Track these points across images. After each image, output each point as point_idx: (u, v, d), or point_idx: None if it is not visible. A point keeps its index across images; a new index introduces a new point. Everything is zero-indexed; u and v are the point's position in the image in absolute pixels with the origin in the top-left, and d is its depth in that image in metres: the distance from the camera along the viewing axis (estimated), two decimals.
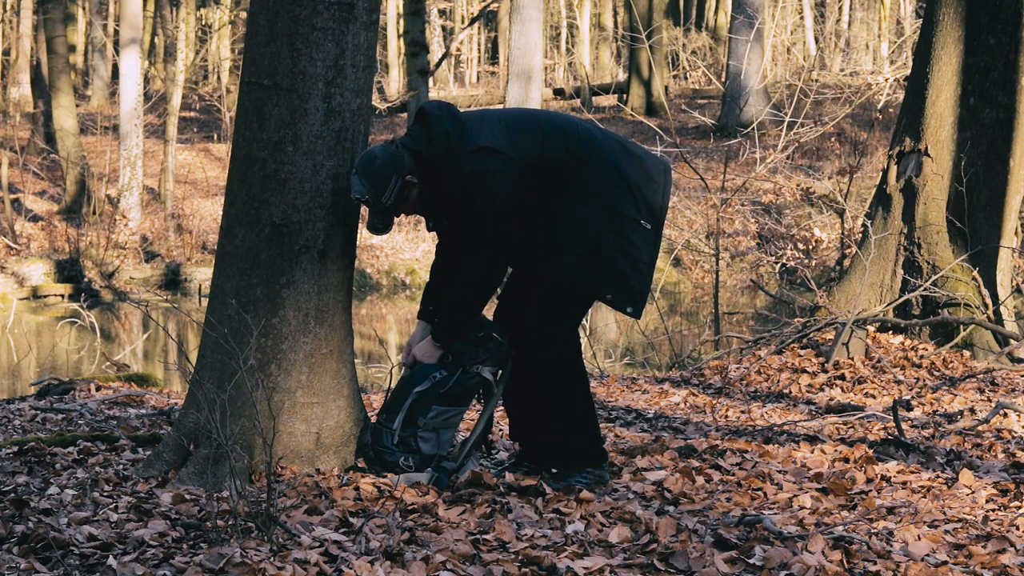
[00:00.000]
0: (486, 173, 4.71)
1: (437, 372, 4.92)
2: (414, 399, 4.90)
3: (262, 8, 4.80)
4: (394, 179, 4.74)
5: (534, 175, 4.80)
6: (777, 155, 15.93)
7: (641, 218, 4.90)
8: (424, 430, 4.91)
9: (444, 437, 4.95)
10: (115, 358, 12.36)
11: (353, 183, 4.76)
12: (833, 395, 7.92)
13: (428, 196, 4.85)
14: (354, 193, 4.76)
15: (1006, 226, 9.06)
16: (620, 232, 4.87)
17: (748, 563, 3.91)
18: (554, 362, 4.90)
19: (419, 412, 4.89)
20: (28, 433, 6.28)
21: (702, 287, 20.43)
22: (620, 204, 4.87)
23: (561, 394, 4.93)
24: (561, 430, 4.96)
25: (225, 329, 4.74)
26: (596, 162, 4.87)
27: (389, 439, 4.91)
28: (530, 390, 4.96)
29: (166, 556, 3.88)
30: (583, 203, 4.85)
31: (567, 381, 4.94)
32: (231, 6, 29.66)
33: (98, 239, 21.50)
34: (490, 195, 4.71)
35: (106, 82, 32.48)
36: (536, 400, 4.97)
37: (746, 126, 21.51)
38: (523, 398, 5.03)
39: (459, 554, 3.93)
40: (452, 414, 4.94)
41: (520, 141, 4.81)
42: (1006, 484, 4.99)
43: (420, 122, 4.84)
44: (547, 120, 4.97)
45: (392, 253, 22.10)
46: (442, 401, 4.90)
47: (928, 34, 9.08)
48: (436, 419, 4.91)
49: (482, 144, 4.74)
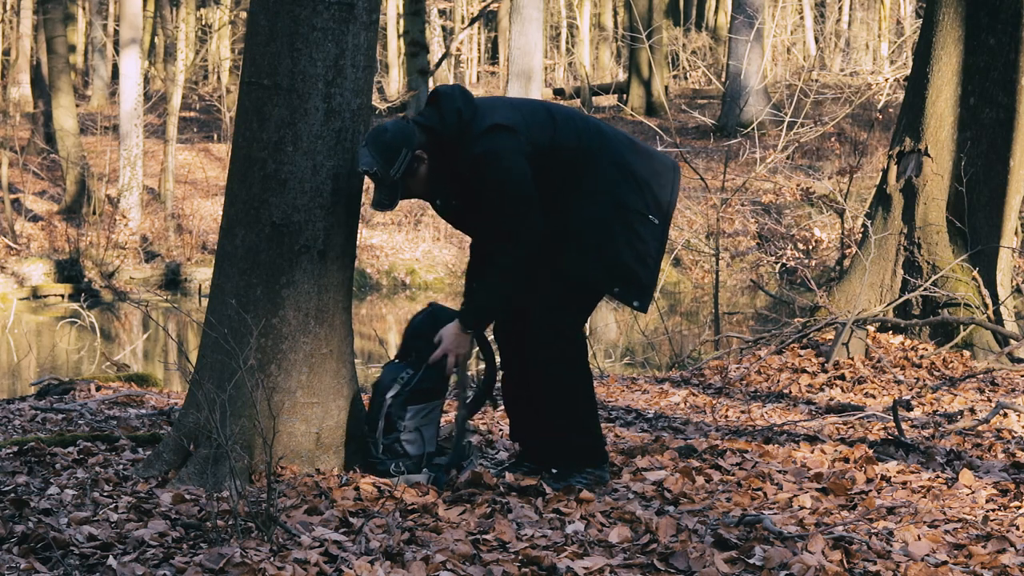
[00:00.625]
0: (499, 152, 4.67)
1: (404, 373, 4.90)
2: (388, 405, 4.89)
3: (262, 8, 4.80)
4: (404, 152, 4.69)
5: (544, 164, 4.77)
6: (777, 155, 15.92)
7: (649, 212, 4.89)
8: (406, 432, 4.90)
9: (428, 434, 4.94)
10: (115, 358, 12.36)
11: (361, 155, 4.70)
12: (833, 395, 7.92)
13: (438, 175, 4.80)
14: (362, 165, 4.70)
15: (1006, 226, 9.06)
16: (627, 226, 4.85)
17: (748, 563, 3.91)
18: (556, 360, 4.89)
19: (396, 416, 4.89)
20: (28, 433, 6.27)
21: (702, 287, 20.43)
22: (627, 198, 4.86)
23: (563, 393, 4.92)
24: (562, 429, 4.95)
25: (225, 329, 4.74)
26: (605, 156, 4.86)
27: (375, 450, 4.91)
28: (532, 389, 4.95)
29: (166, 556, 3.87)
30: (591, 199, 4.84)
31: (569, 380, 4.92)
32: (231, 6, 29.67)
33: (98, 239, 21.51)
34: (505, 173, 4.67)
35: (106, 82, 32.48)
36: (538, 399, 4.96)
37: (746, 126, 21.51)
38: (524, 397, 5.01)
39: (459, 554, 3.93)
40: (428, 410, 4.93)
41: (533, 125, 4.78)
42: (1006, 484, 4.99)
43: (432, 102, 4.80)
44: (559, 110, 4.95)
45: (392, 253, 22.10)
46: (414, 399, 4.89)
47: (928, 34, 9.08)
48: (414, 419, 4.91)
49: (497, 121, 4.71)
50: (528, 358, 4.90)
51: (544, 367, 4.88)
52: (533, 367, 4.90)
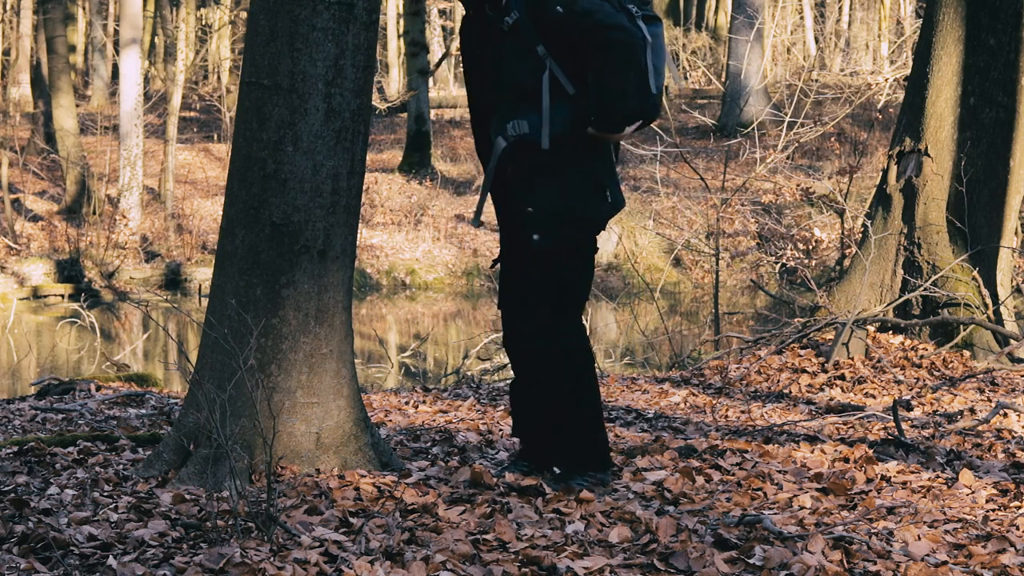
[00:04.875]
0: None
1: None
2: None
3: (262, 8, 4.80)
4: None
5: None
6: (777, 155, 15.94)
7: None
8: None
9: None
10: (115, 358, 12.38)
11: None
12: (833, 395, 7.92)
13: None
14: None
15: (1006, 226, 9.06)
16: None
17: (748, 563, 3.91)
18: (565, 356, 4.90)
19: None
20: (28, 433, 6.28)
21: (702, 287, 20.43)
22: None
23: (569, 394, 4.92)
24: (566, 431, 4.96)
25: (225, 329, 4.74)
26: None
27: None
28: (535, 387, 4.95)
29: (166, 556, 3.87)
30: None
31: (576, 381, 4.92)
32: (231, 6, 29.66)
33: (98, 239, 21.51)
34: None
35: (106, 82, 32.47)
36: (543, 399, 4.97)
37: (746, 126, 21.51)
38: (528, 395, 5.01)
39: (459, 554, 3.93)
40: None
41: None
42: (1006, 484, 5.00)
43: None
44: None
45: (392, 253, 22.09)
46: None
47: (928, 34, 9.08)
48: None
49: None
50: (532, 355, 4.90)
51: (550, 366, 4.88)
52: (539, 363, 4.90)
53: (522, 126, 4.80)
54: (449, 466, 5.13)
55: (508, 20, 4.79)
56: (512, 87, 4.81)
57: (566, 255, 4.85)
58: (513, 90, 4.81)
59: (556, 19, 4.71)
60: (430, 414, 7.22)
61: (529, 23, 4.75)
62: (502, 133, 4.84)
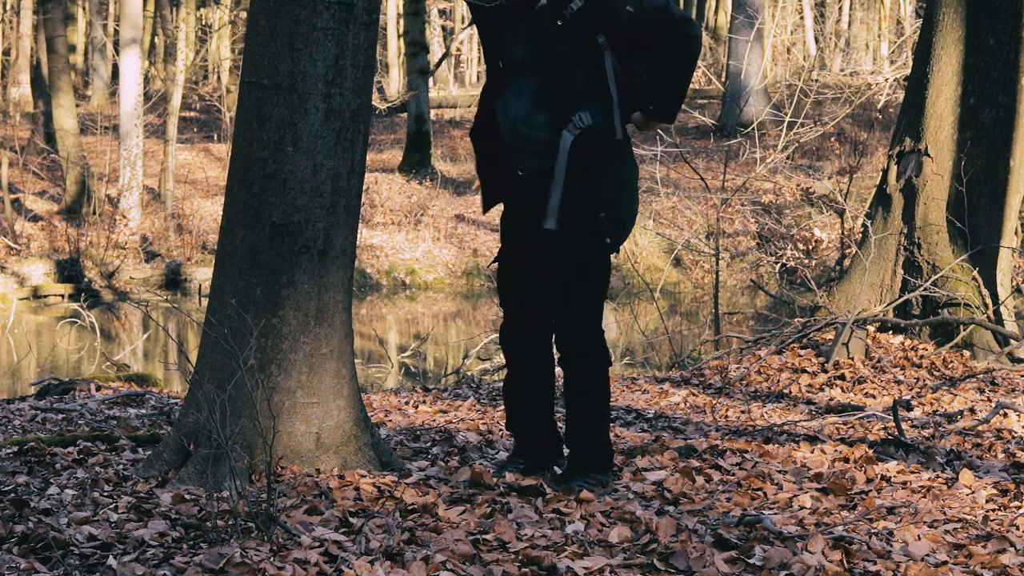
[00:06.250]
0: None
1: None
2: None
3: (262, 8, 4.80)
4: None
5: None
6: (777, 155, 15.93)
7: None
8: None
9: None
10: (115, 358, 12.37)
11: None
12: (833, 395, 7.92)
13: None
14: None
15: (1006, 226, 9.06)
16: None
17: (748, 563, 3.91)
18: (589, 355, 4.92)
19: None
20: (28, 433, 6.27)
21: (702, 287, 20.42)
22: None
23: (600, 394, 4.95)
24: (569, 432, 4.96)
25: (225, 329, 4.74)
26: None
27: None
28: (541, 388, 4.97)
29: (166, 556, 3.88)
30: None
31: (607, 381, 4.93)
32: (231, 6, 29.65)
33: (98, 239, 21.50)
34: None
35: (106, 82, 32.46)
36: (544, 398, 4.98)
37: (746, 126, 21.50)
38: (528, 394, 5.01)
39: (459, 554, 3.93)
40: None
41: None
42: (1006, 484, 5.00)
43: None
44: None
45: (392, 253, 22.09)
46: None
47: (928, 34, 9.08)
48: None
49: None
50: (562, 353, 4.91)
51: (592, 366, 4.91)
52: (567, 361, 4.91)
53: (586, 118, 4.76)
54: (449, 466, 5.13)
55: (572, 7, 4.73)
56: (570, 78, 4.73)
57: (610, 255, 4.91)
58: (571, 81, 4.73)
59: (626, 18, 4.71)
60: (430, 414, 7.22)
61: (591, 13, 4.72)
62: (566, 127, 4.75)
